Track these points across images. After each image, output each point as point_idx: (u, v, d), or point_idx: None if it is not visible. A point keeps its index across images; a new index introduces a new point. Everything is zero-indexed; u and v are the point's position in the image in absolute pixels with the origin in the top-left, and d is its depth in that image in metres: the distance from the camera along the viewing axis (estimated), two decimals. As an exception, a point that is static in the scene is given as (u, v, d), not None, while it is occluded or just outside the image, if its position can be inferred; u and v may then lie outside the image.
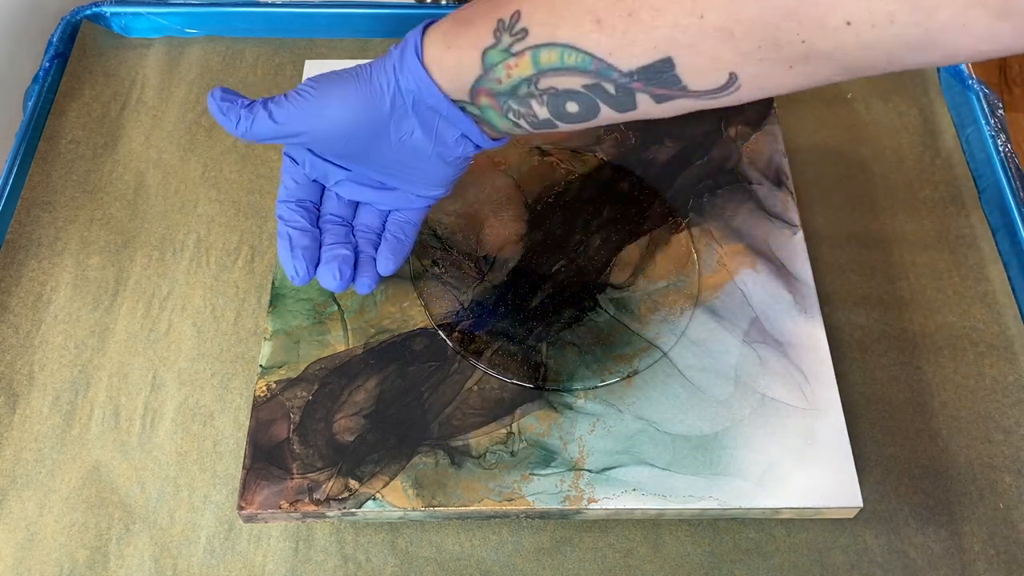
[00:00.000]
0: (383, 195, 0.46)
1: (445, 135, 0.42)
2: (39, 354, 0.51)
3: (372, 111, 0.41)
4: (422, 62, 0.40)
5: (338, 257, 0.45)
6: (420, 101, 0.40)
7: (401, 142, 0.42)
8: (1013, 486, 0.47)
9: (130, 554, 0.45)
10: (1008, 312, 0.53)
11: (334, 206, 0.47)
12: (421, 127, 0.41)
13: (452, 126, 0.41)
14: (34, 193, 0.57)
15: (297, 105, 0.41)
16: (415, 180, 0.45)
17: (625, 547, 0.45)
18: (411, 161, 0.43)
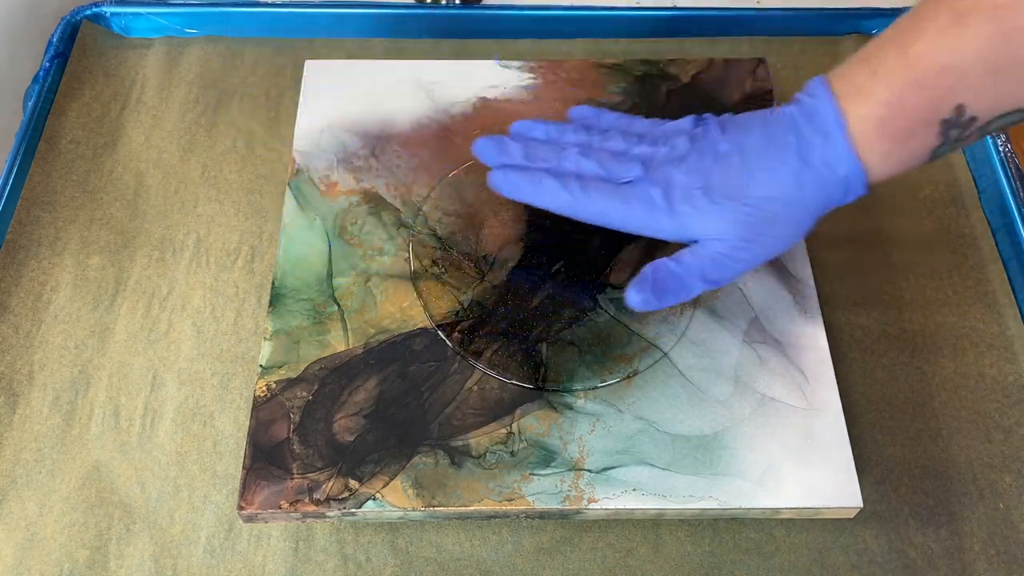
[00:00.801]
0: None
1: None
2: (39, 354, 0.51)
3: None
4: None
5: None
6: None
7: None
8: (1013, 486, 0.47)
9: (130, 554, 0.45)
10: (1008, 312, 0.53)
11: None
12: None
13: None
14: (34, 193, 0.57)
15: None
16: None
17: (625, 547, 0.45)
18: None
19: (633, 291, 0.42)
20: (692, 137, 0.42)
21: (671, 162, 0.42)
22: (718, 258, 0.41)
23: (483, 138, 0.46)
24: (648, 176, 0.42)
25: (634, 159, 0.43)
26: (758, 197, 0.40)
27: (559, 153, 0.44)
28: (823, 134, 0.39)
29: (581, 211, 0.43)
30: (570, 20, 0.66)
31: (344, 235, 0.51)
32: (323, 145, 0.55)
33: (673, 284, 0.41)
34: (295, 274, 0.50)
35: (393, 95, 0.57)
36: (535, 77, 0.58)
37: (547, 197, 0.44)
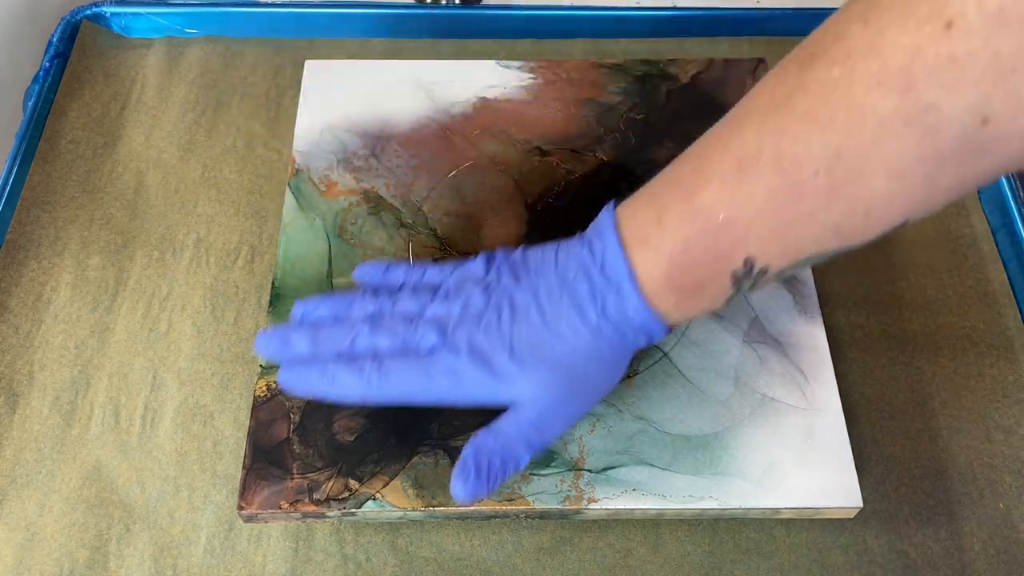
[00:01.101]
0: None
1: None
2: (39, 354, 0.51)
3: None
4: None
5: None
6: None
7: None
8: (1013, 486, 0.47)
9: (130, 554, 0.45)
10: (1008, 312, 0.53)
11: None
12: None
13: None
14: (34, 193, 0.57)
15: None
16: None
17: (625, 547, 0.45)
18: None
19: (457, 483, 0.38)
20: (486, 287, 0.40)
21: (468, 322, 0.39)
22: (539, 419, 0.38)
23: (263, 333, 0.42)
24: (447, 342, 0.39)
25: (429, 323, 0.40)
26: (563, 354, 0.38)
27: (349, 332, 0.41)
28: (615, 286, 0.37)
29: (383, 397, 0.39)
30: (570, 20, 0.66)
31: (344, 235, 0.51)
32: (323, 145, 0.55)
33: (498, 462, 0.38)
34: (295, 274, 0.50)
35: (393, 95, 0.57)
36: (535, 77, 0.58)
37: (344, 389, 0.39)
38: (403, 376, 0.39)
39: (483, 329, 0.39)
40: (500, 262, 0.41)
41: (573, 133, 0.56)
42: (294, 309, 0.43)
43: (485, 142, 0.55)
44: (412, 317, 0.41)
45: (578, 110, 0.57)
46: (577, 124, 0.56)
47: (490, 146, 0.55)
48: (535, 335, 0.38)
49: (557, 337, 0.38)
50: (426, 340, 0.39)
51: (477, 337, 0.39)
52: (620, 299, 0.37)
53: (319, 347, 0.41)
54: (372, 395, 0.39)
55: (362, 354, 0.40)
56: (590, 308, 0.38)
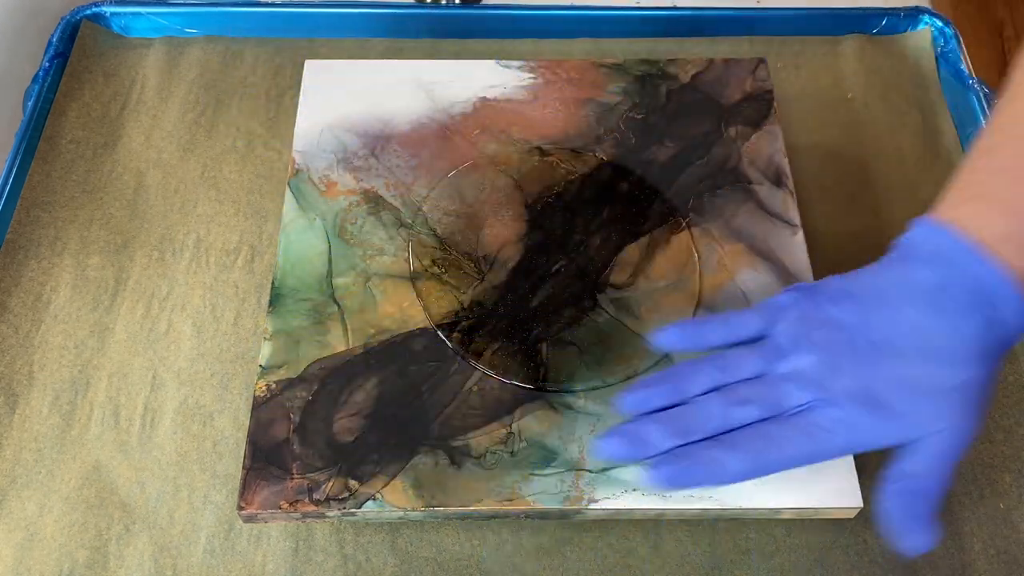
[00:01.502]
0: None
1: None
2: (39, 354, 0.51)
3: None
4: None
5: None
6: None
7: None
8: (1013, 486, 0.47)
9: (130, 554, 0.45)
10: (1008, 312, 0.53)
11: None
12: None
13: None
14: (34, 193, 0.57)
15: None
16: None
17: (625, 547, 0.45)
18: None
19: (909, 530, 0.37)
20: (829, 327, 0.38)
21: (838, 370, 0.37)
22: (953, 441, 0.37)
23: (604, 438, 0.39)
24: (824, 397, 0.37)
25: (790, 379, 0.38)
26: (958, 382, 0.36)
27: (706, 411, 0.38)
28: (989, 290, 0.36)
29: (770, 470, 0.38)
30: (570, 20, 0.66)
31: (344, 235, 0.51)
32: (323, 145, 0.55)
33: (923, 497, 0.37)
34: (295, 274, 0.50)
35: (393, 95, 0.57)
36: (535, 77, 0.58)
37: (728, 473, 0.37)
38: (785, 443, 0.37)
39: (859, 374, 0.37)
40: (826, 298, 0.39)
41: (573, 133, 0.56)
42: (624, 404, 0.40)
43: (485, 142, 0.55)
44: (761, 376, 0.39)
45: (578, 110, 0.57)
46: (577, 124, 0.56)
47: (490, 146, 0.55)
48: (922, 369, 0.37)
49: (952, 368, 0.36)
50: (796, 398, 0.37)
51: (854, 381, 0.37)
52: (999, 300, 0.36)
53: (684, 437, 0.38)
54: (761, 471, 0.38)
55: (721, 430, 0.38)
56: (964, 322, 0.36)
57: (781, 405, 0.38)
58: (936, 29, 0.65)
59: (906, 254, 0.39)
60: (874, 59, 0.64)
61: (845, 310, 0.38)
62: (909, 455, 0.37)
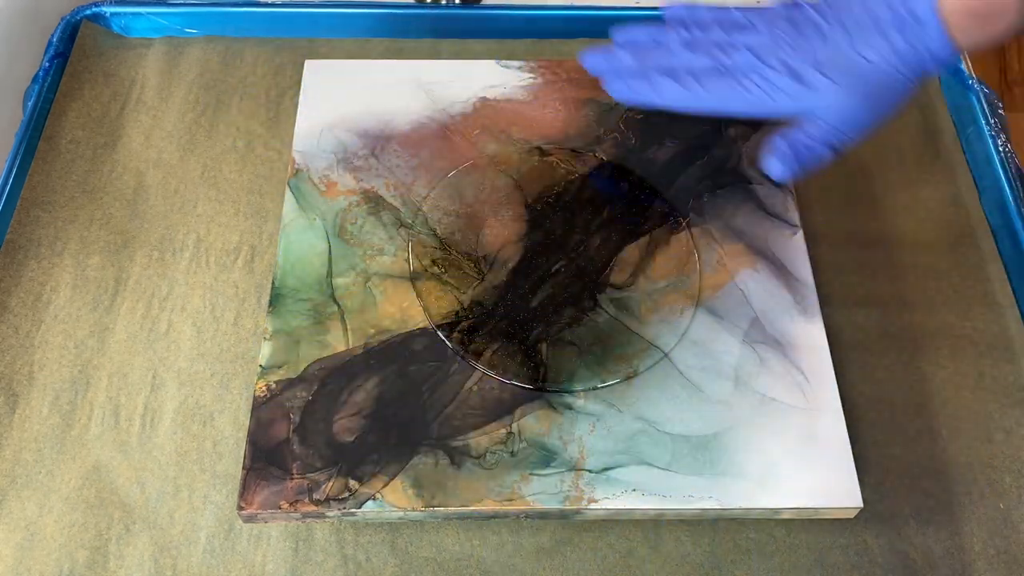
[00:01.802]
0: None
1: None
2: (39, 354, 0.51)
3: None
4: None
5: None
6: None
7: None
8: (1013, 486, 0.47)
9: (130, 554, 0.45)
10: (1008, 312, 0.53)
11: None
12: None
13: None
14: (34, 193, 0.57)
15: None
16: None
17: (625, 547, 0.45)
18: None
19: (776, 161, 0.45)
20: (791, 21, 0.45)
21: (781, 45, 0.45)
22: (840, 125, 0.44)
23: (589, 50, 0.49)
24: (763, 61, 0.45)
25: (740, 47, 0.45)
26: (865, 69, 0.43)
27: (667, 52, 0.47)
28: (914, 13, 0.42)
29: (702, 104, 0.46)
30: (570, 20, 0.66)
31: (344, 235, 0.51)
32: (323, 145, 0.55)
33: (807, 153, 0.44)
34: (295, 274, 0.50)
35: (393, 95, 0.57)
36: (535, 77, 0.58)
37: (667, 97, 0.46)
38: (721, 87, 0.45)
39: (795, 50, 0.44)
40: (802, 2, 0.46)
41: (573, 133, 0.56)
42: (614, 34, 0.50)
43: (485, 142, 0.55)
44: (726, 45, 0.46)
45: (578, 110, 0.57)
46: (577, 124, 0.56)
47: (490, 146, 0.55)
48: (842, 55, 0.43)
49: (862, 57, 0.43)
50: (741, 60, 0.45)
51: (789, 56, 0.44)
52: (920, 25, 0.41)
53: (643, 62, 0.48)
54: (693, 102, 0.46)
55: (680, 69, 0.46)
56: (893, 32, 0.42)
57: (730, 63, 0.45)
58: (936, 29, 0.65)
59: None
60: (874, 59, 0.64)
61: (809, 9, 0.45)
62: (811, 119, 0.44)
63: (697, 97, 0.46)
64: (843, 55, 0.44)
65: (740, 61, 0.45)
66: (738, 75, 0.45)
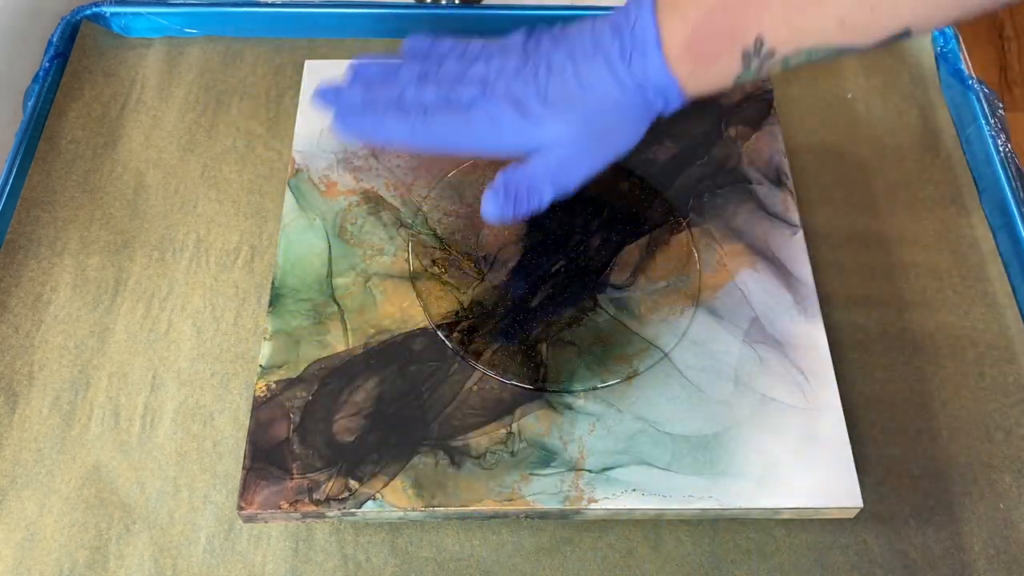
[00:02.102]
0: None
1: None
2: (39, 354, 0.51)
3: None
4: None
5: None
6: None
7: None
8: (1013, 486, 0.47)
9: (130, 554, 0.45)
10: (1008, 312, 0.53)
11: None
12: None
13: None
14: (34, 193, 0.57)
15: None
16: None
17: (625, 547, 0.45)
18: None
19: (488, 202, 0.43)
20: (525, 51, 0.44)
21: (508, 77, 0.43)
22: (563, 162, 0.42)
23: (321, 85, 0.47)
24: (486, 94, 0.43)
25: (471, 80, 0.43)
26: (591, 104, 0.41)
27: (398, 86, 0.45)
28: (641, 47, 0.40)
29: (425, 139, 0.44)
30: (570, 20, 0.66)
31: (344, 235, 0.51)
32: (323, 145, 0.55)
33: (524, 191, 0.43)
34: (295, 274, 0.50)
35: (393, 95, 0.57)
36: (535, 77, 0.58)
37: (390, 132, 0.44)
38: (445, 123, 0.43)
39: (521, 82, 0.42)
40: (540, 31, 0.44)
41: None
42: (347, 69, 0.47)
43: (485, 142, 0.55)
44: (456, 77, 0.44)
45: (578, 110, 0.57)
46: (577, 124, 0.56)
47: (490, 146, 0.55)
48: (568, 88, 0.42)
49: (587, 89, 0.41)
50: (467, 93, 0.43)
51: (514, 88, 0.42)
52: (644, 58, 0.40)
53: (371, 97, 0.45)
54: (416, 138, 0.43)
55: (410, 105, 0.44)
56: (619, 64, 0.41)
57: (457, 97, 0.43)
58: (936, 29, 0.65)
59: (628, 2, 0.43)
60: (874, 59, 0.64)
61: (545, 39, 0.44)
62: (534, 155, 0.43)
63: (420, 133, 0.43)
64: (568, 87, 0.42)
65: (466, 94, 0.43)
66: (464, 109, 0.43)
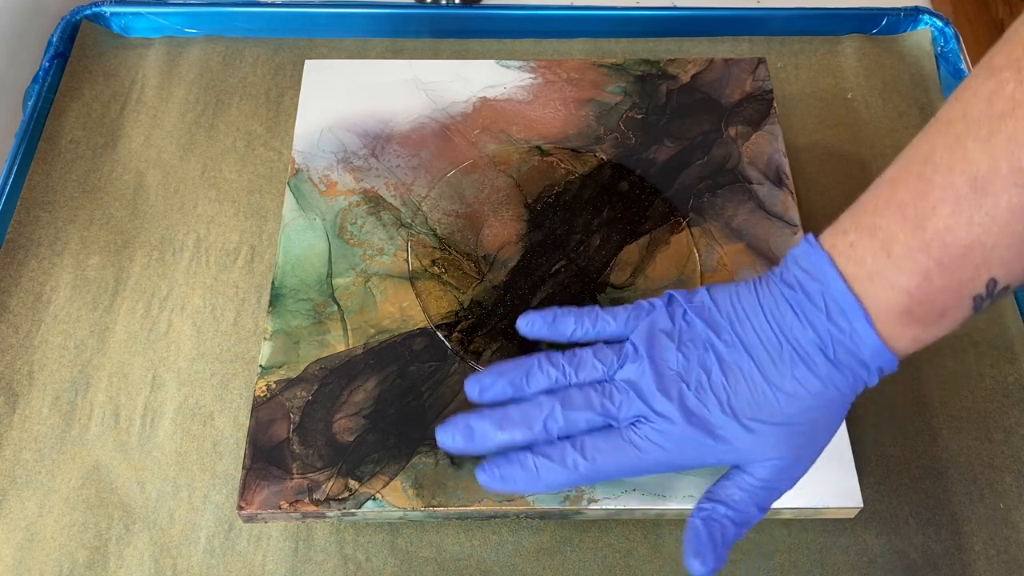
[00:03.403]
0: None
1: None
2: (39, 354, 0.51)
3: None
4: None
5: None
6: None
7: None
8: (1013, 486, 0.47)
9: (130, 554, 0.45)
10: (1008, 312, 0.53)
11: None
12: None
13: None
14: (34, 193, 0.57)
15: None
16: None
17: (625, 547, 0.45)
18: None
19: (694, 560, 0.36)
20: (680, 341, 0.38)
21: (672, 384, 0.37)
22: (770, 483, 0.37)
23: (443, 426, 0.40)
24: (653, 409, 0.37)
25: (624, 390, 0.38)
26: (791, 411, 0.36)
27: (539, 413, 0.38)
28: (848, 331, 0.35)
29: (592, 480, 0.38)
30: (570, 20, 0.66)
31: (344, 235, 0.51)
32: (323, 145, 0.55)
33: (732, 530, 0.37)
34: (295, 274, 0.50)
35: (393, 95, 0.57)
36: (535, 77, 0.58)
37: (551, 480, 0.38)
38: (611, 455, 0.37)
39: (694, 390, 0.36)
40: (686, 309, 0.38)
41: (573, 133, 0.56)
42: (468, 389, 0.41)
43: (485, 142, 0.55)
44: (600, 382, 0.38)
45: (578, 110, 0.57)
46: (577, 124, 0.56)
47: (490, 146, 0.55)
48: (757, 393, 0.36)
49: (782, 393, 0.36)
50: (626, 410, 0.37)
51: (688, 399, 0.36)
52: (855, 343, 0.35)
53: (511, 435, 0.38)
54: (582, 481, 0.38)
55: (559, 436, 0.38)
56: (819, 357, 0.36)
57: (615, 415, 0.38)
58: (936, 29, 0.65)
59: (790, 272, 0.37)
60: (874, 59, 0.64)
61: (698, 324, 0.38)
62: (732, 478, 0.37)
63: (584, 474, 0.37)
64: (758, 392, 0.36)
65: (624, 411, 0.37)
66: (628, 431, 0.37)
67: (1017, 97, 0.30)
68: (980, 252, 0.32)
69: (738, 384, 0.36)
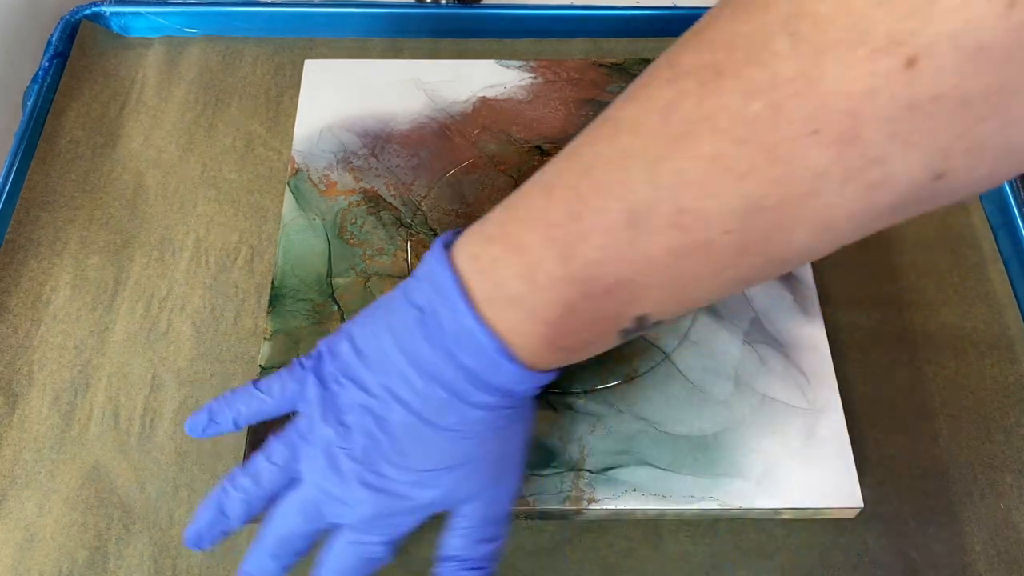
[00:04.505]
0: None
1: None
2: (39, 354, 0.51)
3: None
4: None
5: None
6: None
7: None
8: (1013, 486, 0.47)
9: (130, 554, 0.45)
10: (1008, 312, 0.53)
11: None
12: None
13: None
14: (33, 193, 0.57)
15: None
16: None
17: (625, 547, 0.45)
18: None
19: None
20: (335, 412, 0.36)
21: (344, 464, 0.35)
22: (484, 517, 0.37)
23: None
24: (326, 492, 0.36)
25: (318, 489, 0.37)
26: (468, 448, 0.35)
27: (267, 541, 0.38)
28: (486, 360, 0.33)
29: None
30: (570, 20, 0.66)
31: (344, 235, 0.51)
32: (323, 145, 0.55)
33: (480, 573, 0.37)
34: (295, 274, 0.50)
35: (393, 95, 0.57)
36: (535, 77, 0.58)
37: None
38: (354, 566, 0.37)
39: (365, 463, 0.35)
40: (335, 371, 0.36)
41: (573, 133, 0.55)
42: (187, 541, 0.39)
43: (485, 142, 0.55)
44: (296, 483, 0.37)
45: (578, 110, 0.57)
46: (577, 124, 0.56)
47: (490, 146, 0.55)
48: (426, 443, 0.34)
49: (448, 433, 0.34)
50: (331, 512, 0.37)
51: (366, 476, 0.35)
52: (498, 374, 0.33)
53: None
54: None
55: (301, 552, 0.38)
56: (470, 388, 0.33)
57: (324, 521, 0.37)
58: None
59: (424, 296, 0.34)
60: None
61: (350, 389, 0.35)
62: (450, 530, 0.37)
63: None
64: (425, 437, 0.34)
65: (328, 509, 0.37)
66: (343, 533, 0.37)
67: (693, 117, 0.26)
68: (629, 290, 0.30)
69: (405, 440, 0.34)
